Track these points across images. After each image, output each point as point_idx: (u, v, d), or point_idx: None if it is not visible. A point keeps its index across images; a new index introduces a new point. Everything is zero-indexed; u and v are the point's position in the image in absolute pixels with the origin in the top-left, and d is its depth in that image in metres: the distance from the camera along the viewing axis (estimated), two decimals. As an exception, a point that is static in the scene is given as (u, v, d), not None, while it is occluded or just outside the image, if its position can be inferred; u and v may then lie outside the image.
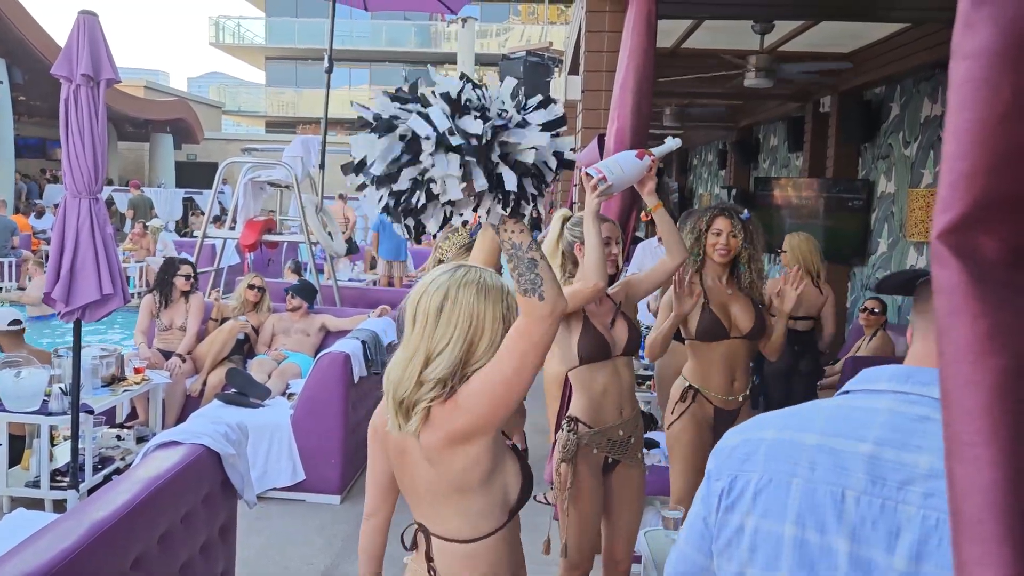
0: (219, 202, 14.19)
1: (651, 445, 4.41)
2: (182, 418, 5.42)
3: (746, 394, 3.38)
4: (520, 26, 30.86)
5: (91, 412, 4.59)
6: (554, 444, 3.08)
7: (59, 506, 4.36)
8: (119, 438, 5.18)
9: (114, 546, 2.20)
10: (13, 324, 5.10)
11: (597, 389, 2.88)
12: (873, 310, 5.65)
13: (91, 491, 4.45)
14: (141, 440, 5.18)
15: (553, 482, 2.92)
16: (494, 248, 2.35)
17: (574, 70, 7.00)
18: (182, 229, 18.89)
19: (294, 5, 32.44)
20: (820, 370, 5.43)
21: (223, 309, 6.31)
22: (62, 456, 4.67)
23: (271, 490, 4.74)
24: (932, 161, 6.45)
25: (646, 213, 3.05)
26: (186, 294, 6.04)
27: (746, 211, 3.42)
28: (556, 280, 1.51)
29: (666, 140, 2.93)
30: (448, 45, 31.36)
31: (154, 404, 5.47)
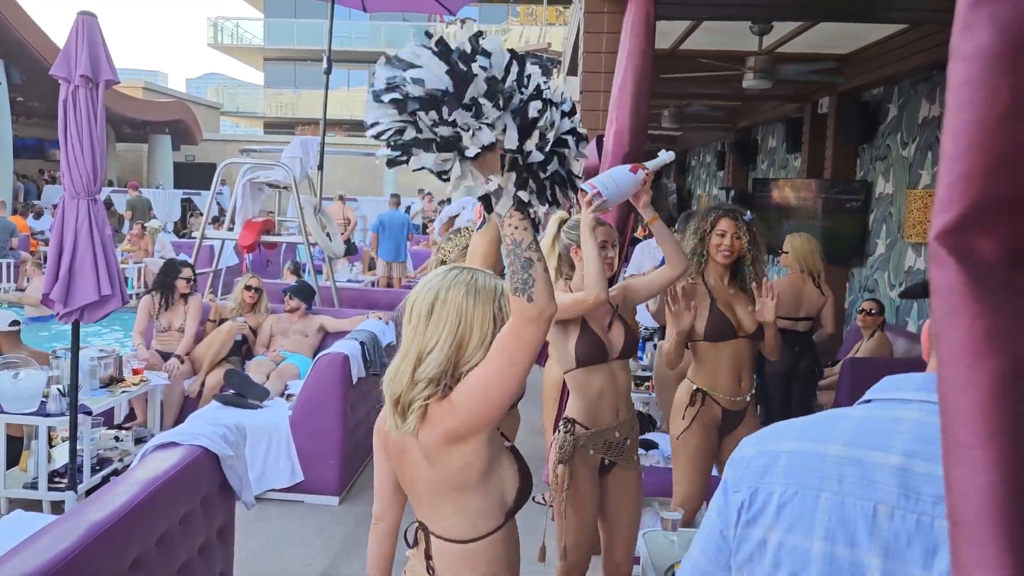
0: (217, 203, 14.18)
1: (650, 446, 4.40)
2: (180, 419, 5.42)
3: (753, 393, 3.39)
4: (519, 27, 30.85)
5: (89, 413, 4.58)
6: (551, 445, 3.08)
7: (57, 507, 4.35)
8: (117, 439, 5.17)
9: (112, 547, 2.19)
10: (12, 325, 5.10)
11: (594, 391, 2.89)
12: (870, 311, 5.64)
13: (89, 492, 4.45)
14: (139, 441, 5.18)
15: (550, 483, 2.92)
16: (491, 250, 2.35)
17: (572, 71, 7.00)
18: (181, 230, 18.88)
19: (292, 6, 32.42)
20: (819, 371, 5.43)
21: (221, 310, 6.31)
22: (60, 457, 4.66)
23: (269, 491, 4.74)
24: (930, 162, 6.46)
25: (644, 227, 3.08)
26: (185, 296, 6.04)
27: (749, 213, 3.43)
28: (550, 284, 1.50)
29: (660, 153, 2.95)
30: (447, 46, 31.31)
31: (152, 405, 5.46)
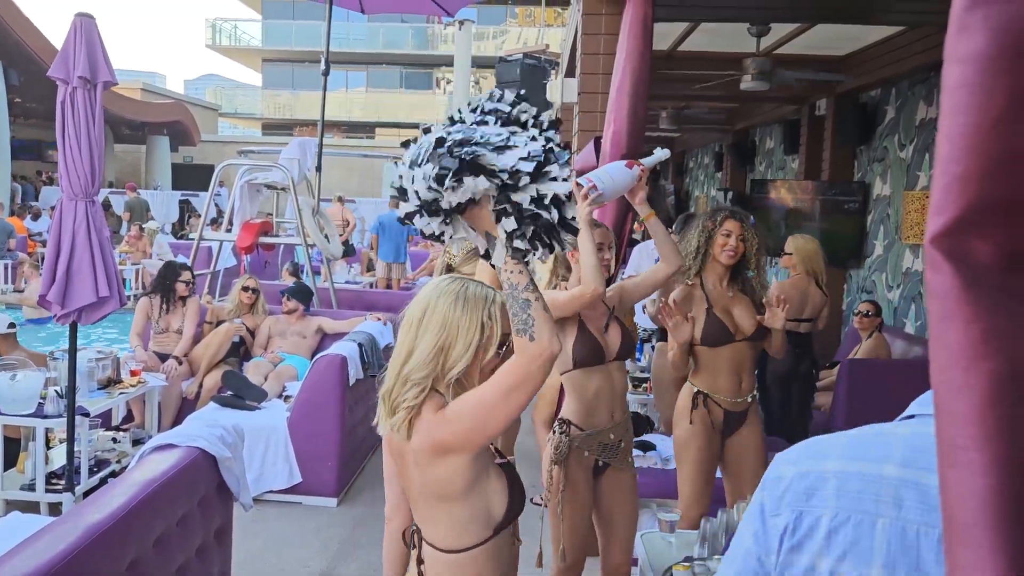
0: (215, 204, 14.18)
1: (647, 448, 4.40)
2: (178, 421, 5.41)
3: (754, 394, 3.39)
4: (517, 29, 30.87)
5: (87, 415, 4.58)
6: (544, 445, 3.09)
7: (55, 509, 4.35)
8: (115, 441, 5.17)
9: (110, 549, 2.19)
10: (9, 328, 5.10)
11: (590, 393, 2.90)
12: (867, 312, 5.65)
13: (87, 494, 4.44)
14: (137, 443, 5.17)
15: (545, 484, 2.93)
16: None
17: (570, 73, 6.99)
18: (179, 231, 18.87)
19: (291, 7, 32.41)
20: (816, 373, 5.44)
21: (218, 312, 6.30)
22: (58, 459, 4.65)
23: (267, 493, 4.73)
24: (928, 164, 6.46)
25: (639, 223, 3.09)
26: (183, 298, 6.03)
27: (752, 217, 3.45)
28: (551, 321, 1.55)
29: (655, 151, 2.96)
30: (445, 47, 31.36)
31: (150, 407, 5.46)
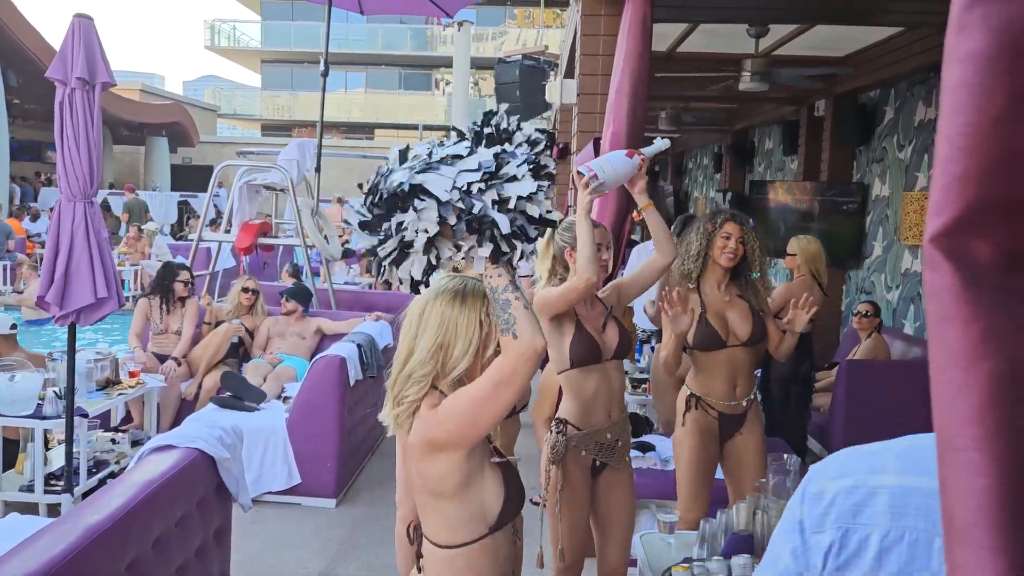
0: (214, 205, 14.17)
1: (646, 448, 4.39)
2: (177, 422, 5.41)
3: (750, 398, 3.38)
4: (516, 30, 30.87)
5: (86, 416, 4.57)
6: (543, 444, 3.08)
7: (53, 510, 4.34)
8: (114, 442, 5.16)
9: (109, 550, 2.19)
10: (11, 329, 5.10)
11: (587, 392, 2.89)
12: (866, 313, 5.66)
13: (86, 495, 4.44)
14: (136, 444, 5.17)
15: (543, 483, 2.93)
16: None
17: (570, 74, 7.00)
18: (177, 232, 18.86)
19: (290, 8, 32.42)
20: (813, 375, 5.44)
21: (217, 313, 6.30)
22: (56, 460, 4.65)
23: (266, 494, 4.73)
24: (926, 164, 6.47)
25: (638, 212, 3.08)
26: (182, 299, 6.03)
27: (751, 220, 3.45)
28: (532, 318, 1.59)
29: (655, 141, 2.96)
30: (444, 49, 31.37)
31: (149, 408, 5.45)
